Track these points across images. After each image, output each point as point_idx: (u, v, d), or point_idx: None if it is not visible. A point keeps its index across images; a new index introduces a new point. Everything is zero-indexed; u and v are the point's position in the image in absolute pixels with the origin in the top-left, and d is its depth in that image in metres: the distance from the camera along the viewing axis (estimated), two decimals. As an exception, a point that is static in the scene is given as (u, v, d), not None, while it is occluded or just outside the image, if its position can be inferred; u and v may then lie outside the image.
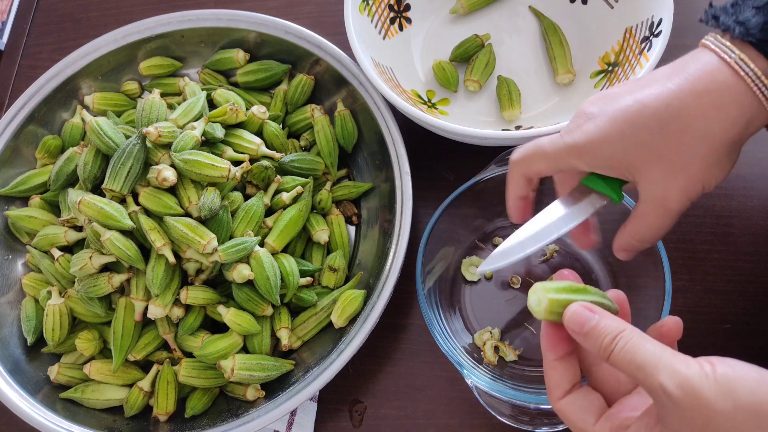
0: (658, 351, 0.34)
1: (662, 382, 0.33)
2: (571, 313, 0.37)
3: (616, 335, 0.35)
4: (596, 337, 0.36)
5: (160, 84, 0.69)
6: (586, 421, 0.38)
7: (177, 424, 0.56)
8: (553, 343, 0.39)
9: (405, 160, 0.59)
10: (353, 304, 0.56)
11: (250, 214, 0.57)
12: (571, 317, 0.37)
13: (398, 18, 0.70)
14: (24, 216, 0.62)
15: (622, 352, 0.35)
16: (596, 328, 0.36)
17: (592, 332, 0.36)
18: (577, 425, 0.38)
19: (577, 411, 0.38)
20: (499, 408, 0.51)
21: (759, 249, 0.60)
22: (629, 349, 0.35)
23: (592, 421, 0.37)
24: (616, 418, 0.37)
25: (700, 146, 0.39)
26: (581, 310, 0.37)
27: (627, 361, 0.35)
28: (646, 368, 0.34)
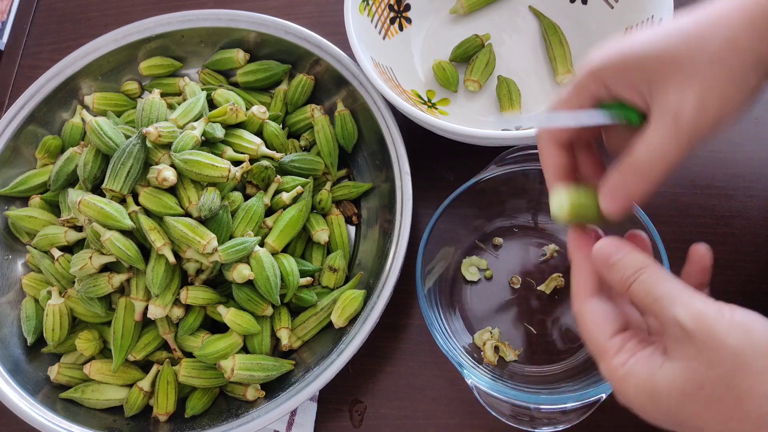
0: (678, 287, 0.34)
1: (677, 313, 0.33)
2: (599, 246, 0.38)
3: (640, 268, 0.36)
4: (620, 268, 0.36)
5: (160, 84, 0.69)
6: (604, 331, 0.37)
7: (177, 424, 0.56)
8: (580, 242, 0.39)
9: (405, 160, 0.59)
10: (353, 304, 0.56)
11: (250, 214, 0.57)
12: (599, 250, 0.37)
13: (398, 18, 0.70)
14: (24, 216, 0.62)
15: (642, 283, 0.35)
16: (622, 260, 0.36)
17: (617, 264, 0.36)
18: (593, 332, 0.37)
19: (596, 319, 0.37)
20: (499, 408, 0.51)
21: (759, 249, 0.60)
22: (650, 281, 0.35)
23: (609, 334, 0.37)
24: (630, 341, 0.36)
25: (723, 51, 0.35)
26: (609, 243, 0.37)
27: (645, 292, 0.35)
28: (663, 300, 0.34)
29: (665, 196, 0.63)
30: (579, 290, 0.39)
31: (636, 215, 0.52)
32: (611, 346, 0.36)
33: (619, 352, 0.36)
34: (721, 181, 0.63)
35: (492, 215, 0.61)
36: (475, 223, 0.61)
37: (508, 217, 0.61)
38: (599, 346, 0.37)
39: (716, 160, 0.64)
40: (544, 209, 0.61)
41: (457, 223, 0.58)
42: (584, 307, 0.38)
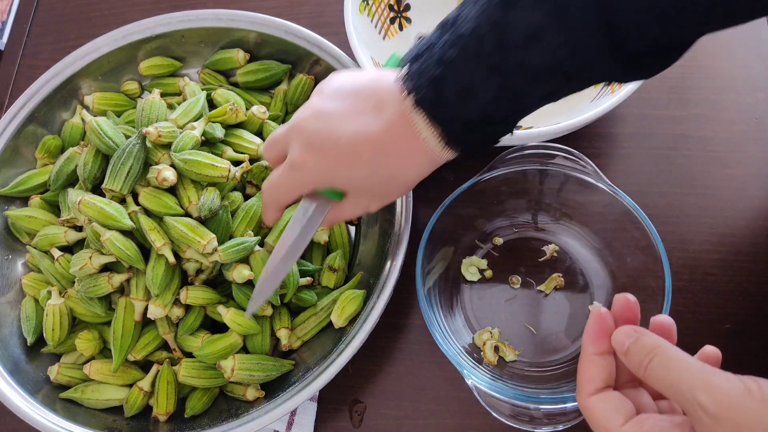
0: (695, 366, 0.33)
1: (698, 397, 0.32)
2: (617, 332, 0.38)
3: (652, 349, 0.35)
4: (635, 353, 0.36)
5: (160, 84, 0.69)
6: (614, 420, 0.36)
7: (177, 424, 0.56)
8: (597, 336, 0.39)
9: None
10: (353, 304, 0.56)
11: (250, 214, 0.57)
12: (616, 336, 0.38)
13: (398, 18, 0.70)
14: (24, 216, 0.62)
15: (657, 366, 0.35)
16: (635, 344, 0.36)
17: (631, 348, 0.36)
18: (603, 424, 0.36)
19: (606, 409, 0.37)
20: (499, 408, 0.51)
21: (759, 249, 0.60)
22: (664, 364, 0.34)
23: (621, 422, 0.36)
24: (645, 424, 0.35)
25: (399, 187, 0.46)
26: (625, 328, 0.37)
27: (662, 375, 0.34)
28: (681, 384, 0.33)
29: (665, 196, 0.63)
30: (585, 384, 0.38)
31: (636, 216, 0.52)
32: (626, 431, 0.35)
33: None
34: (721, 181, 0.63)
35: (492, 215, 0.61)
36: (475, 223, 0.61)
37: (508, 217, 0.61)
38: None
39: (716, 160, 0.64)
40: (544, 209, 0.61)
41: (457, 223, 0.58)
42: (591, 401, 0.37)
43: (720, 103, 0.66)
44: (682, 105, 0.67)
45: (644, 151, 0.65)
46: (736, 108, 0.66)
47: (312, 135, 0.45)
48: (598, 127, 0.66)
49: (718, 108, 0.66)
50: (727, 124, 0.66)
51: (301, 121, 0.46)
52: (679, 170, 0.64)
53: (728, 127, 0.65)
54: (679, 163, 0.64)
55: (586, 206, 0.58)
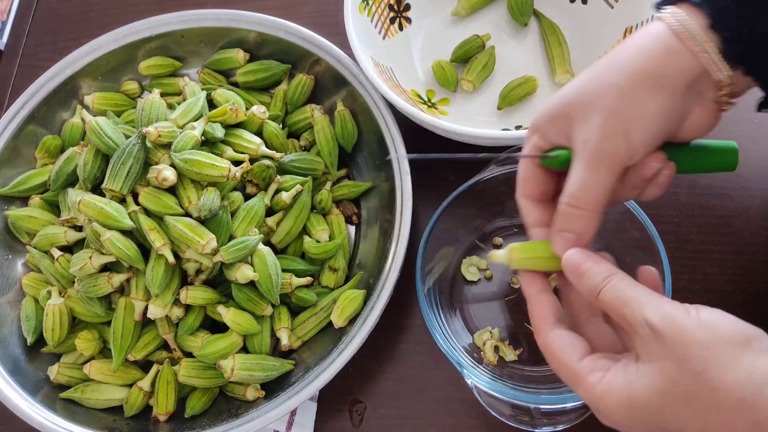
0: (646, 291, 0.36)
1: (646, 314, 0.34)
2: (570, 254, 0.39)
3: (609, 275, 0.37)
4: (591, 275, 0.37)
5: (160, 84, 0.69)
6: (572, 355, 0.37)
7: (177, 424, 0.56)
8: (531, 278, 0.41)
9: (405, 160, 0.59)
10: (353, 304, 0.56)
11: (251, 214, 0.57)
12: (570, 258, 0.39)
13: (398, 18, 0.70)
14: (24, 216, 0.62)
15: (612, 289, 0.36)
16: (592, 268, 0.38)
17: (587, 271, 0.38)
18: (561, 359, 0.38)
19: (564, 345, 0.38)
20: (499, 408, 0.51)
21: (759, 249, 0.60)
22: (619, 287, 0.36)
23: (578, 357, 0.37)
24: (602, 359, 0.37)
25: (615, 76, 0.39)
26: (579, 252, 0.39)
27: (615, 297, 0.36)
28: (633, 302, 0.35)
29: (665, 197, 0.62)
30: (540, 323, 0.40)
31: (636, 216, 0.52)
32: (583, 367, 0.37)
33: (593, 371, 0.36)
34: (721, 181, 0.63)
35: (492, 215, 0.61)
36: (475, 223, 0.61)
37: (508, 217, 0.61)
38: (571, 370, 0.37)
39: (716, 160, 0.64)
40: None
41: (457, 223, 0.58)
42: (548, 338, 0.39)
43: (720, 103, 0.66)
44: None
45: (644, 151, 0.65)
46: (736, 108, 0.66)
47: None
48: (598, 127, 0.66)
49: (718, 108, 0.66)
50: (727, 124, 0.65)
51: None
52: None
53: (728, 127, 0.65)
54: (679, 163, 0.64)
55: (586, 206, 0.58)
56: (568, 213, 0.40)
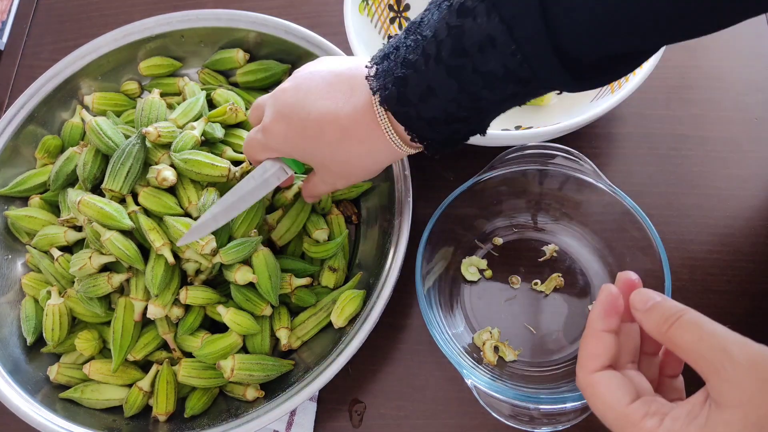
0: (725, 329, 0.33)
1: (730, 349, 0.32)
2: (639, 290, 0.38)
3: (682, 310, 0.35)
4: (660, 309, 0.36)
5: (159, 84, 0.69)
6: (620, 399, 0.35)
7: (176, 424, 0.56)
8: (607, 312, 0.38)
9: (405, 160, 0.59)
10: (353, 304, 0.56)
11: (251, 215, 0.57)
12: (637, 294, 0.37)
13: (398, 18, 0.70)
14: (24, 216, 0.62)
15: (686, 323, 0.34)
16: (663, 303, 0.36)
17: (657, 306, 0.36)
18: (608, 401, 0.35)
19: (611, 387, 0.36)
20: (499, 408, 0.51)
21: (759, 249, 0.60)
22: (695, 321, 0.34)
23: (627, 401, 0.35)
24: (654, 403, 0.34)
25: (357, 171, 0.49)
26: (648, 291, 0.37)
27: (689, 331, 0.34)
28: (714, 338, 0.32)
29: (665, 197, 0.63)
30: (590, 360, 0.37)
31: (636, 216, 0.52)
32: (635, 409, 0.34)
33: (647, 415, 0.34)
34: (721, 181, 0.63)
35: (492, 215, 0.61)
36: (475, 223, 0.61)
37: (508, 217, 0.61)
38: (620, 413, 0.34)
39: (716, 160, 0.64)
40: (544, 209, 0.61)
41: (457, 223, 0.58)
42: (594, 377, 0.36)
43: (720, 103, 0.66)
44: (682, 105, 0.67)
45: (644, 151, 0.65)
46: (736, 108, 0.66)
47: (285, 105, 0.48)
48: (598, 127, 0.66)
49: (718, 108, 0.66)
50: (727, 124, 0.66)
51: (280, 91, 0.49)
52: (679, 170, 0.64)
53: (728, 127, 0.65)
54: (679, 163, 0.64)
55: (586, 206, 0.58)
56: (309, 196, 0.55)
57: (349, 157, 0.47)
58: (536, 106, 0.66)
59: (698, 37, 0.36)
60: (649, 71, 0.57)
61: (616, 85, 0.60)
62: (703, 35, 0.36)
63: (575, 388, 0.50)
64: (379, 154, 0.47)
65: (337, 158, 0.48)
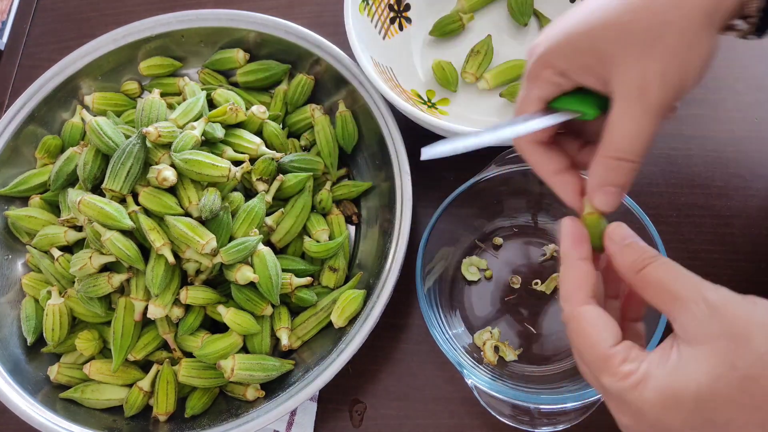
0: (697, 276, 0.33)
1: (704, 291, 0.32)
2: (615, 225, 0.37)
3: (657, 254, 0.34)
4: (637, 248, 0.35)
5: (160, 84, 0.69)
6: (604, 339, 0.33)
7: (177, 424, 0.56)
8: (577, 240, 0.37)
9: (405, 160, 0.59)
10: (353, 304, 0.56)
11: (251, 215, 0.57)
12: (615, 229, 0.36)
13: (398, 18, 0.70)
14: (24, 216, 0.62)
15: (663, 265, 0.34)
16: (639, 242, 0.35)
17: (634, 244, 0.35)
18: (592, 339, 0.34)
19: (598, 325, 0.34)
20: (499, 408, 0.51)
21: (759, 249, 0.60)
22: (671, 264, 0.34)
23: (611, 343, 0.33)
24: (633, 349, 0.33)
25: (671, 13, 0.34)
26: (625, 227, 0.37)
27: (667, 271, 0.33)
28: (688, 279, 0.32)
29: (665, 196, 0.63)
30: (573, 292, 0.35)
31: (636, 216, 0.52)
32: (616, 353, 0.33)
33: (626, 360, 0.32)
34: (721, 181, 0.63)
35: (492, 215, 0.61)
36: (475, 223, 0.61)
37: (508, 217, 0.61)
38: (602, 354, 0.33)
39: (716, 160, 0.64)
40: (544, 209, 0.61)
41: (457, 223, 0.58)
42: (580, 311, 0.35)
43: (720, 103, 0.66)
44: (682, 105, 0.67)
45: (644, 151, 0.65)
46: (736, 108, 0.66)
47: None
48: (598, 127, 0.66)
49: (718, 108, 0.66)
50: (727, 124, 0.66)
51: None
52: (679, 170, 0.64)
53: (728, 127, 0.65)
54: (679, 163, 0.64)
55: (586, 206, 0.58)
56: (615, 164, 0.36)
57: None
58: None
59: None
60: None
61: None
62: None
63: (575, 388, 0.50)
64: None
65: None
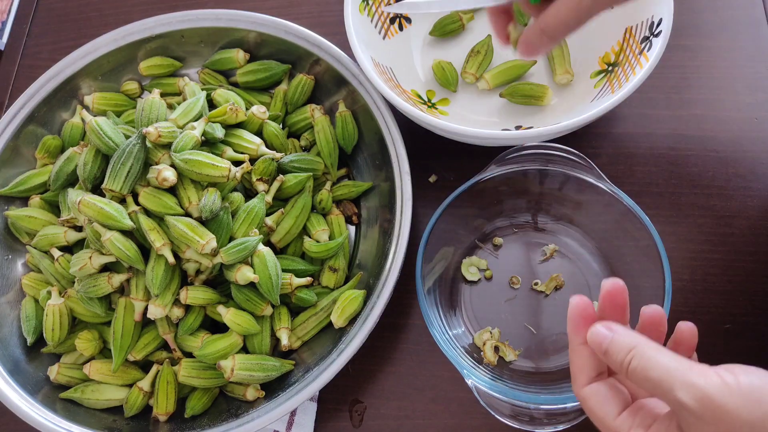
0: (672, 364, 0.34)
1: (679, 397, 0.32)
2: (592, 332, 0.38)
3: (629, 351, 0.36)
4: (613, 354, 0.37)
5: (159, 84, 0.69)
6: (608, 413, 0.37)
7: (177, 424, 0.56)
8: (578, 325, 0.39)
9: (405, 160, 0.59)
10: (353, 304, 0.56)
11: (251, 215, 0.57)
12: (591, 336, 0.38)
13: (398, 18, 0.70)
14: (24, 216, 0.62)
15: (637, 368, 0.35)
16: (612, 344, 0.37)
17: (609, 350, 0.37)
18: (598, 415, 0.37)
19: (600, 401, 0.37)
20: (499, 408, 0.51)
21: (759, 249, 0.60)
22: (643, 366, 0.35)
23: (615, 414, 0.37)
24: (638, 415, 0.36)
25: None
26: (599, 328, 0.38)
27: (643, 377, 0.35)
28: (662, 385, 0.33)
29: (665, 197, 0.63)
30: (577, 375, 0.39)
31: (636, 215, 0.52)
32: (620, 424, 0.36)
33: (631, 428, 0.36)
34: (721, 181, 0.63)
35: (492, 215, 0.61)
36: (475, 223, 0.61)
37: (508, 217, 0.61)
38: (609, 427, 0.37)
39: (716, 160, 0.64)
40: (544, 209, 0.61)
41: (457, 223, 0.58)
42: (584, 392, 0.38)
43: (720, 103, 0.66)
44: (682, 105, 0.67)
45: (644, 151, 0.65)
46: (736, 108, 0.66)
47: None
48: (598, 127, 0.66)
49: (718, 108, 0.66)
50: (727, 124, 0.66)
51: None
52: (679, 170, 0.64)
53: (728, 127, 0.65)
54: (679, 163, 0.64)
55: (586, 206, 0.58)
56: (537, 38, 0.48)
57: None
58: (536, 106, 0.66)
59: None
60: (649, 71, 0.57)
61: (617, 85, 0.60)
62: None
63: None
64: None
65: None
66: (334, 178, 0.64)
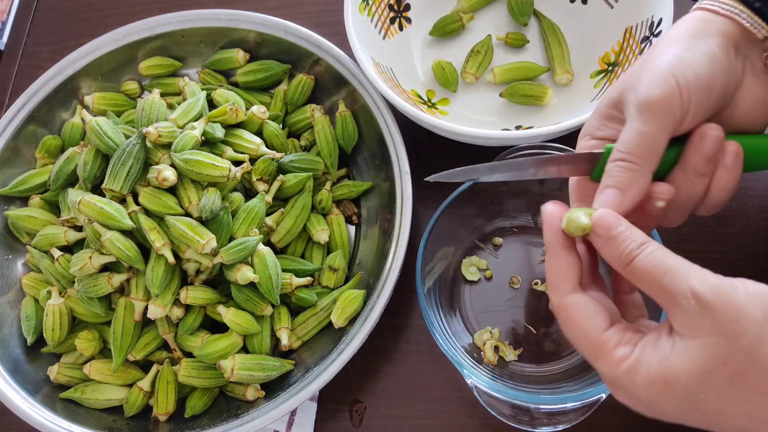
0: (687, 262, 0.33)
1: (692, 284, 0.32)
2: (600, 214, 0.35)
3: (644, 241, 0.34)
4: (622, 241, 0.34)
5: (160, 84, 0.69)
6: (596, 326, 0.34)
7: (177, 424, 0.56)
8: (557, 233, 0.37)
9: (405, 160, 0.59)
10: (353, 304, 0.56)
11: (251, 215, 0.57)
12: (601, 217, 0.35)
13: (398, 18, 0.70)
14: (24, 216, 0.62)
15: (650, 255, 0.33)
16: (625, 232, 0.34)
17: (619, 236, 0.34)
18: (582, 327, 0.34)
19: (587, 313, 0.34)
20: (499, 408, 0.51)
21: (759, 249, 0.60)
22: (657, 254, 0.33)
23: (602, 328, 0.34)
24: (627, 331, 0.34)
25: (656, 47, 0.40)
26: (610, 214, 0.35)
27: (653, 264, 0.33)
28: (675, 271, 0.32)
29: (665, 196, 0.63)
30: (559, 282, 0.36)
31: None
32: (608, 338, 0.33)
33: (619, 344, 0.33)
34: (721, 181, 0.63)
35: (492, 215, 0.61)
36: (475, 223, 0.61)
37: (508, 217, 0.61)
38: (594, 341, 0.34)
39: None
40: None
41: (457, 223, 0.58)
42: (568, 301, 0.35)
43: (720, 103, 0.66)
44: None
45: (644, 151, 0.65)
46: (736, 108, 0.66)
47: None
48: (598, 127, 0.66)
49: (718, 108, 0.66)
50: (727, 124, 0.65)
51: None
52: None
53: (728, 127, 0.65)
54: (679, 163, 0.64)
55: (586, 206, 0.58)
56: (614, 168, 0.37)
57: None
58: (536, 106, 0.66)
59: None
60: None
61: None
62: None
63: (575, 388, 0.50)
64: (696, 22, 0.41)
65: None
66: (334, 178, 0.64)
